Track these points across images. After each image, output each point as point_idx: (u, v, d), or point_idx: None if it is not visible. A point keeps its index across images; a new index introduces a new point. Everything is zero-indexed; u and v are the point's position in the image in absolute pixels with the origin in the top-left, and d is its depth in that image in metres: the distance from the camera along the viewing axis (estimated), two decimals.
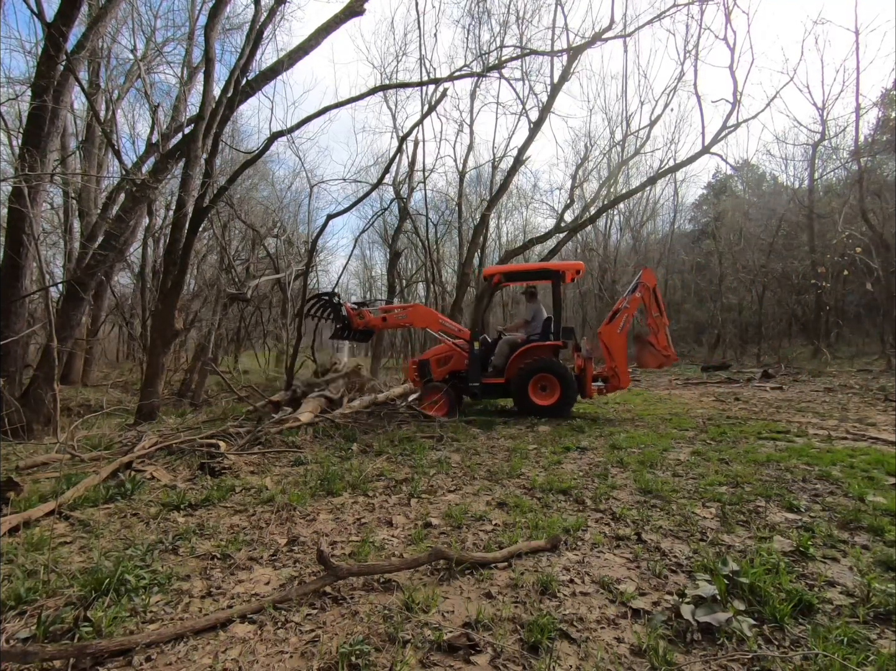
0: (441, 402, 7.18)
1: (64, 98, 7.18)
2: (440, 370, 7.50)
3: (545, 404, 6.86)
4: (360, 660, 1.63)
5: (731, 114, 12.86)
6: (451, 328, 7.71)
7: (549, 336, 7.16)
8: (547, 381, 6.91)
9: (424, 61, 13.36)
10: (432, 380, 7.44)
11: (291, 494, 3.38)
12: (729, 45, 12.88)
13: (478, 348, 7.22)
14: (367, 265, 35.73)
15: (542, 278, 7.86)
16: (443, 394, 7.18)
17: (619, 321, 6.98)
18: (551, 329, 7.20)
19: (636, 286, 7.04)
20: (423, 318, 7.81)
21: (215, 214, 13.33)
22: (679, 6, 12.95)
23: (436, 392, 7.23)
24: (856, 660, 1.59)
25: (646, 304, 7.02)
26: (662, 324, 7.04)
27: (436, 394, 7.23)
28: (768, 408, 7.46)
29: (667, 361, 7.19)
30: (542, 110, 13.56)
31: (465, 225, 19.74)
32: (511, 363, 7.08)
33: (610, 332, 7.00)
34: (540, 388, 6.93)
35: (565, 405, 6.89)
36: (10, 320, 6.63)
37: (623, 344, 7.05)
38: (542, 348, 7.09)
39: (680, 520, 2.91)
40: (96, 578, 2.10)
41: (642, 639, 1.74)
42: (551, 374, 6.87)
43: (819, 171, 19.94)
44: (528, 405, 6.88)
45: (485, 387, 7.19)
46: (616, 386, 7.13)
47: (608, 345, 6.99)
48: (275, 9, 8.51)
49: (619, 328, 6.97)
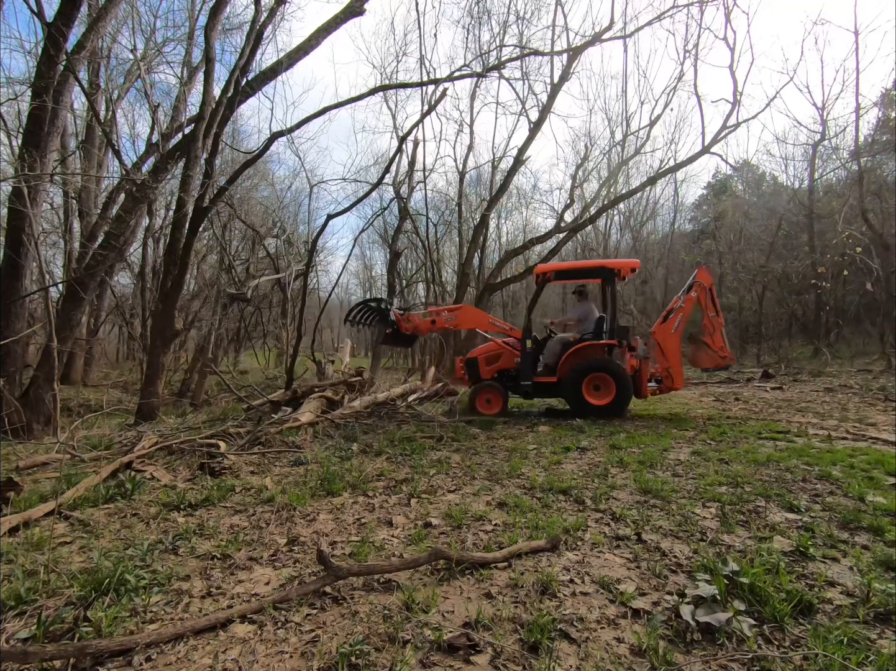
0: (494, 401, 7.22)
1: (64, 98, 7.19)
2: (489, 369, 7.47)
3: (600, 404, 6.73)
4: (360, 660, 1.63)
5: (731, 114, 12.88)
6: (501, 327, 7.70)
7: (603, 335, 7.02)
8: (601, 381, 6.78)
9: (424, 61, 13.41)
10: (481, 378, 7.43)
11: (291, 494, 3.38)
12: (729, 45, 12.90)
13: (529, 347, 7.13)
14: (367, 265, 35.80)
15: (595, 276, 7.71)
16: (496, 393, 7.20)
17: (674, 321, 6.83)
18: (605, 328, 7.07)
19: (692, 285, 6.88)
20: (472, 320, 7.82)
21: (215, 214, 13.34)
22: (679, 6, 12.98)
23: (489, 391, 7.24)
24: (856, 660, 1.59)
25: (702, 303, 6.87)
26: (719, 324, 6.88)
27: (489, 392, 7.24)
28: (768, 408, 7.45)
29: (723, 362, 7.02)
30: (542, 110, 13.58)
31: (465, 225, 19.75)
32: (563, 362, 6.98)
33: (664, 332, 6.87)
34: (594, 388, 6.80)
35: (621, 405, 6.76)
36: (10, 320, 6.63)
37: (677, 344, 6.91)
38: (595, 347, 6.95)
39: (680, 520, 2.91)
40: (96, 578, 2.10)
41: (642, 639, 1.74)
42: (606, 374, 6.73)
43: (819, 171, 19.94)
44: (582, 405, 6.78)
45: (536, 386, 7.11)
46: (670, 386, 6.99)
47: (662, 345, 6.87)
48: (275, 9, 8.51)
49: (674, 328, 6.82)
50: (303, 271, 11.85)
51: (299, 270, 14.16)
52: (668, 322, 6.90)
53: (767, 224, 21.55)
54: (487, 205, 15.80)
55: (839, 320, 18.75)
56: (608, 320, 7.12)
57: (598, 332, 7.08)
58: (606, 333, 7.02)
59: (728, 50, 13.17)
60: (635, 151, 16.40)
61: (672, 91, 15.03)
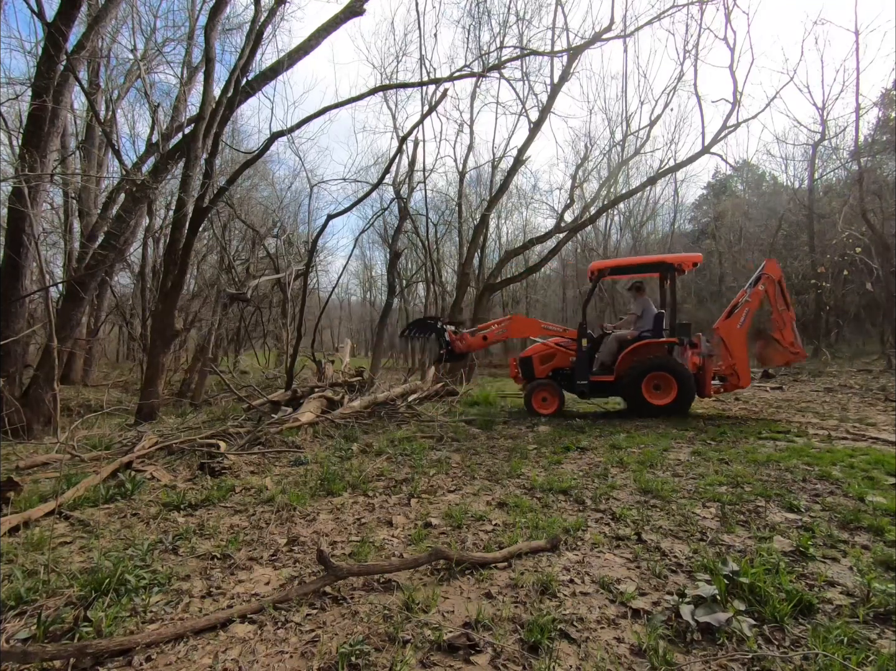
0: (550, 400, 7.17)
1: (64, 98, 7.19)
2: (543, 367, 7.38)
3: (660, 403, 6.56)
4: (360, 660, 1.63)
5: (731, 114, 12.87)
6: (555, 330, 7.64)
7: (663, 332, 6.83)
8: (661, 380, 6.60)
9: (424, 61, 13.41)
10: (535, 377, 7.37)
11: (291, 494, 3.38)
12: (729, 45, 12.89)
13: (584, 345, 7.05)
14: (367, 265, 35.83)
15: (653, 272, 7.51)
16: (552, 392, 7.16)
17: (739, 316, 6.55)
18: (664, 325, 6.87)
19: (758, 278, 6.63)
20: (524, 328, 7.84)
21: (215, 214, 13.34)
22: (679, 6, 12.98)
23: (545, 390, 7.19)
24: (856, 660, 1.59)
25: (770, 297, 6.62)
26: (789, 318, 6.62)
27: (545, 391, 7.18)
28: (768, 408, 7.45)
29: (795, 358, 6.74)
30: (542, 110, 13.57)
31: (465, 225, 19.76)
32: (621, 360, 6.82)
33: (729, 328, 6.61)
34: (654, 387, 6.63)
35: (683, 405, 6.55)
36: (10, 320, 6.63)
37: (743, 340, 6.61)
38: (655, 345, 6.77)
39: (680, 520, 2.91)
40: (96, 578, 2.10)
41: (642, 639, 1.74)
42: (667, 373, 6.55)
43: (819, 171, 19.94)
44: (642, 404, 6.62)
45: (592, 385, 7.00)
46: (735, 385, 6.73)
47: (727, 341, 6.61)
48: (275, 9, 8.50)
49: (739, 323, 6.53)
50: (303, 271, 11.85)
51: (299, 270, 14.16)
52: (734, 317, 6.61)
53: (767, 224, 21.56)
54: (487, 205, 15.79)
55: (839, 320, 18.77)
56: (668, 317, 6.93)
57: (658, 329, 6.87)
58: (667, 330, 6.84)
59: (728, 50, 13.18)
60: (635, 151, 16.40)
61: (672, 91, 15.03)
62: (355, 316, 43.22)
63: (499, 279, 15.04)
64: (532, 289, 30.48)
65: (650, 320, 6.98)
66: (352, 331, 41.78)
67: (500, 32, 14.04)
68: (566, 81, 13.16)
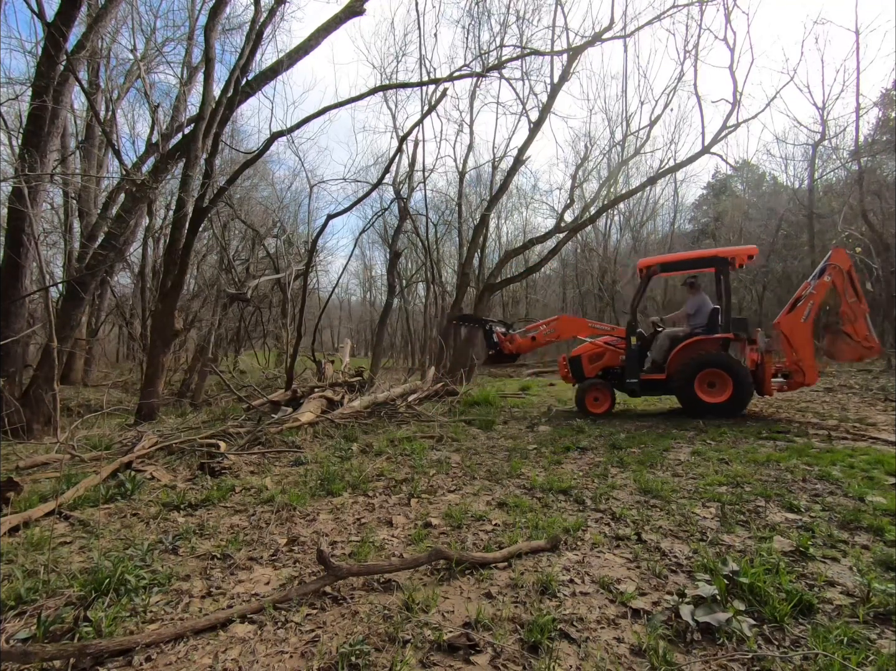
0: (602, 399, 7.12)
1: (64, 98, 7.19)
2: (593, 366, 7.33)
3: (714, 402, 6.33)
4: (360, 660, 1.63)
5: (731, 114, 12.85)
6: (603, 329, 7.63)
7: (718, 328, 6.61)
8: (716, 377, 6.37)
9: (424, 61, 13.42)
10: (585, 376, 7.33)
11: (291, 494, 3.38)
12: (729, 46, 12.87)
13: (634, 343, 6.93)
14: (367, 265, 35.80)
15: (706, 266, 7.30)
16: (604, 391, 7.11)
17: (803, 309, 6.22)
18: (719, 321, 6.65)
19: (824, 268, 6.32)
20: (571, 328, 7.82)
21: (215, 214, 13.34)
22: (679, 6, 12.96)
23: (597, 389, 7.14)
24: (856, 660, 1.59)
25: (838, 288, 6.25)
26: (861, 310, 6.22)
27: (597, 391, 7.14)
28: (768, 408, 7.45)
29: (869, 353, 6.33)
30: (542, 110, 13.56)
31: (465, 225, 19.75)
32: (673, 358, 6.67)
33: (791, 323, 6.30)
34: (708, 385, 6.40)
35: (739, 403, 6.31)
36: (10, 320, 6.63)
37: (808, 335, 6.26)
38: (708, 342, 6.57)
39: (680, 520, 2.91)
40: (96, 578, 2.10)
41: (642, 639, 1.74)
42: (721, 370, 6.31)
43: (819, 171, 19.93)
44: (695, 403, 6.41)
45: (643, 384, 6.88)
46: (800, 382, 6.42)
47: (790, 336, 6.28)
48: (275, 9, 8.50)
49: (804, 317, 6.21)
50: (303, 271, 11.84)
51: (299, 270, 14.15)
52: (797, 311, 6.27)
53: (767, 224, 21.56)
54: (487, 205, 15.78)
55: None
56: (723, 312, 6.71)
57: (713, 325, 6.68)
58: (721, 326, 6.62)
59: (728, 50, 13.15)
60: (635, 151, 16.38)
61: (672, 91, 14.99)
62: (355, 316, 43.21)
63: (499, 279, 15.03)
64: (532, 289, 30.48)
65: (705, 316, 6.78)
66: (352, 331, 41.77)
67: (500, 32, 14.03)
68: (566, 81, 13.14)
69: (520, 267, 22.81)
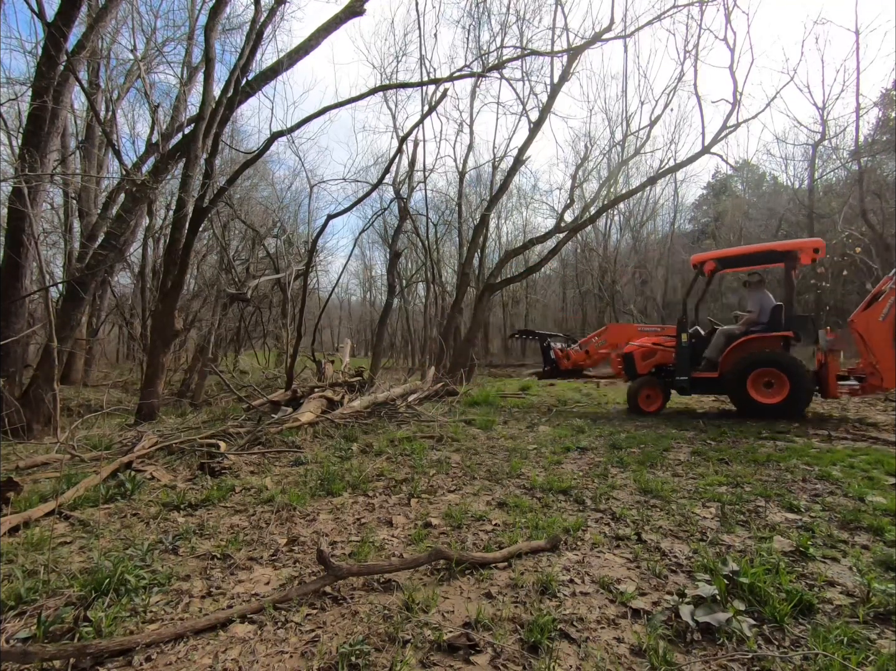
0: (654, 397, 7.10)
1: (64, 98, 7.18)
2: (645, 363, 7.28)
3: (769, 402, 6.08)
4: (360, 660, 1.63)
5: (731, 114, 12.84)
6: (653, 330, 7.64)
7: (780, 327, 6.33)
8: (773, 377, 6.11)
9: (424, 61, 13.41)
10: (637, 374, 7.30)
11: (291, 494, 3.38)
12: (729, 46, 12.87)
13: (686, 341, 6.79)
14: (367, 265, 35.82)
15: (767, 262, 7.00)
16: (656, 389, 7.09)
17: (881, 307, 5.73)
18: (781, 318, 6.37)
19: None
20: (621, 336, 7.88)
21: (215, 214, 13.33)
22: (679, 6, 12.95)
23: (649, 387, 7.12)
24: (856, 660, 1.59)
25: None
26: None
27: (649, 389, 7.11)
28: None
29: None
30: (542, 110, 13.56)
31: (465, 225, 19.77)
32: (726, 356, 6.49)
33: (867, 321, 5.86)
34: (764, 385, 6.18)
35: (795, 404, 6.01)
36: (10, 320, 6.63)
37: (888, 334, 5.76)
38: (765, 339, 6.31)
39: (680, 520, 2.91)
40: (96, 578, 2.10)
41: (642, 639, 1.74)
42: (777, 369, 6.05)
43: (819, 171, 19.95)
44: (747, 402, 6.22)
45: (695, 382, 6.76)
46: (876, 386, 5.96)
47: (865, 336, 5.88)
48: (275, 9, 8.49)
49: (882, 315, 5.71)
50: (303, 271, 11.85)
51: (299, 270, 14.15)
52: (874, 308, 5.84)
53: (767, 224, 21.58)
54: (487, 205, 15.79)
55: (839, 320, 18.75)
56: (785, 309, 6.45)
57: (775, 323, 6.40)
58: (784, 324, 6.34)
59: (728, 50, 13.15)
60: (635, 151, 16.39)
61: (672, 91, 15.00)
62: (355, 316, 43.21)
63: (499, 279, 15.03)
64: (532, 289, 30.50)
65: (766, 313, 6.57)
66: (352, 331, 41.78)
67: (500, 32, 14.04)
68: (566, 81, 13.14)
69: (520, 267, 22.83)
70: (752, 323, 6.71)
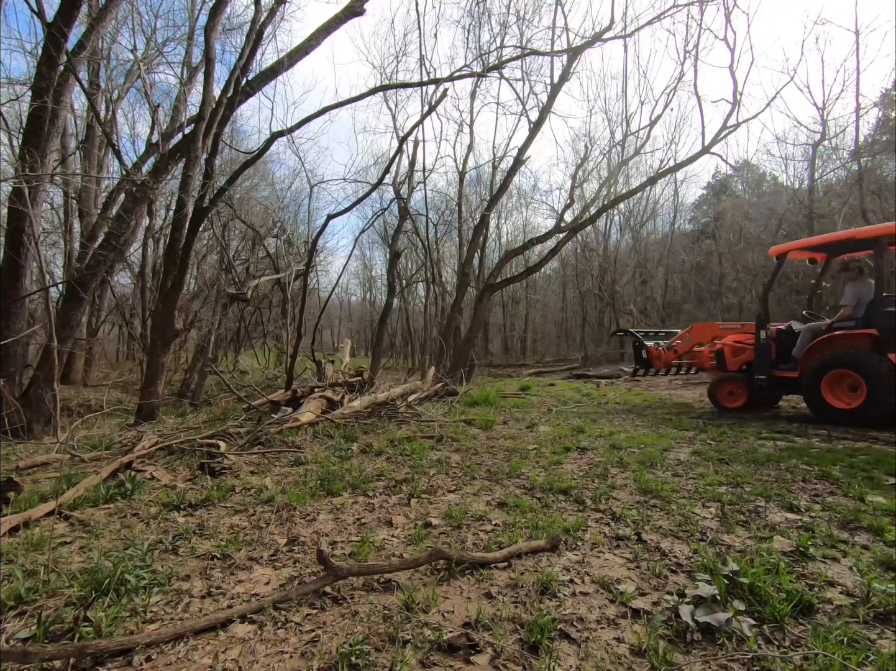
0: (738, 393, 7.00)
1: (64, 98, 7.17)
2: (735, 360, 7.05)
3: (843, 408, 5.61)
4: (360, 660, 1.63)
5: (731, 114, 12.85)
6: (734, 327, 7.64)
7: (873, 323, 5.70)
8: (855, 380, 5.60)
9: (424, 61, 13.41)
10: (727, 369, 7.15)
11: (291, 494, 3.37)
12: (729, 46, 12.87)
13: (763, 338, 6.48)
14: (367, 265, 35.87)
15: (853, 250, 6.42)
16: (740, 386, 6.95)
17: None
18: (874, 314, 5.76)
19: None
20: (705, 334, 7.93)
21: (215, 214, 13.33)
22: (679, 6, 12.95)
23: (732, 383, 7.01)
24: (856, 660, 1.59)
25: None
26: None
27: (732, 385, 7.01)
28: (769, 408, 7.45)
29: None
30: (542, 110, 13.56)
31: (465, 225, 19.78)
32: (806, 354, 6.05)
33: None
34: (848, 388, 5.68)
35: (869, 411, 5.45)
36: (10, 320, 6.63)
37: None
38: (850, 337, 5.73)
39: (680, 520, 2.91)
40: (96, 578, 2.10)
41: (642, 639, 1.74)
42: (854, 371, 5.54)
43: (819, 171, 19.93)
44: (820, 406, 5.78)
45: (774, 381, 6.40)
46: None
47: None
48: (275, 9, 8.49)
49: None
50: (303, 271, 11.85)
51: (299, 270, 14.16)
52: None
53: (767, 224, 21.57)
54: (487, 205, 15.79)
55: None
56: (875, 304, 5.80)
57: (871, 318, 5.76)
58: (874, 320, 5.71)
59: (728, 50, 13.15)
60: (635, 151, 16.38)
61: (672, 91, 14.99)
62: (355, 316, 43.23)
63: (499, 279, 15.03)
64: (532, 289, 30.50)
65: (863, 308, 5.90)
66: (352, 331, 41.81)
67: (500, 32, 14.04)
68: (566, 81, 13.14)
69: (520, 267, 22.84)
70: (847, 318, 6.06)
